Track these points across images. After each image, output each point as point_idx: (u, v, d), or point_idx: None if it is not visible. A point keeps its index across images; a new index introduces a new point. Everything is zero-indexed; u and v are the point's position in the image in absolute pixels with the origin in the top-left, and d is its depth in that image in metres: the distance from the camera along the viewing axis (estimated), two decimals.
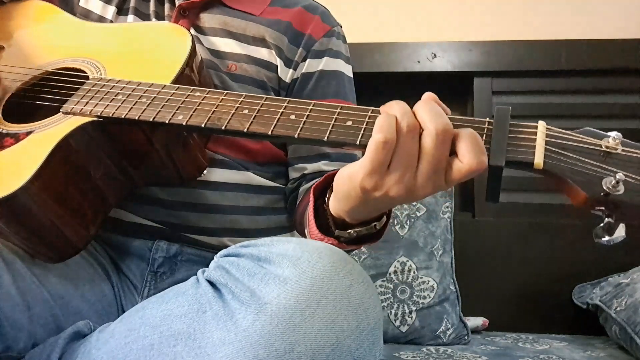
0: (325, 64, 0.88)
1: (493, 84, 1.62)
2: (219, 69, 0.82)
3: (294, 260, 0.51)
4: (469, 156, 0.48)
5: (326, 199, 0.62)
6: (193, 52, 0.71)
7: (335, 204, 0.59)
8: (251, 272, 0.52)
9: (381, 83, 1.63)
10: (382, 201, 0.53)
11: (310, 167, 0.85)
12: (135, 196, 0.77)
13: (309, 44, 0.87)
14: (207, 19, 0.85)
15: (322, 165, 0.85)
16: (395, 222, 1.34)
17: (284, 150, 0.88)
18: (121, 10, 0.87)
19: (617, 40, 1.57)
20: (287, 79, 0.86)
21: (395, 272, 1.29)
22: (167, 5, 0.87)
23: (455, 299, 1.29)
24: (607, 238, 0.48)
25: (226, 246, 0.80)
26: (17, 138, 0.65)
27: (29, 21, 0.84)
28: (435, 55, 1.63)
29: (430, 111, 0.50)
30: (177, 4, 0.84)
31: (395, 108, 0.51)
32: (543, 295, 1.44)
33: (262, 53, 0.85)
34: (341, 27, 0.94)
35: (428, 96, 0.53)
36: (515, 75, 1.62)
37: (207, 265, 0.58)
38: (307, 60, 0.87)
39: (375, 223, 0.60)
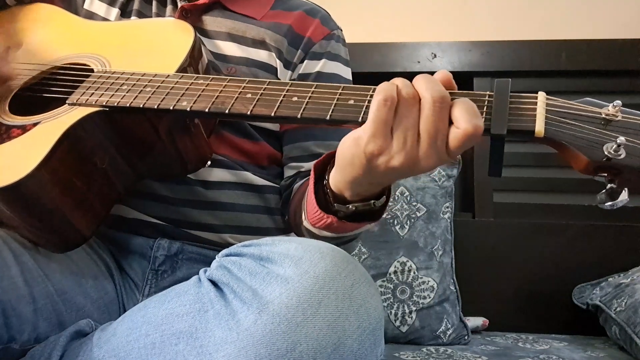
0: (323, 65, 0.89)
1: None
2: (219, 71, 0.83)
3: (295, 259, 0.51)
4: (463, 120, 0.49)
5: (326, 175, 0.63)
6: (196, 44, 0.72)
7: (337, 176, 0.59)
8: (253, 271, 0.52)
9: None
10: (385, 171, 0.53)
11: (307, 166, 0.85)
12: (137, 193, 0.78)
13: (308, 46, 0.88)
14: (209, 21, 0.86)
15: None
16: (395, 222, 1.34)
17: (281, 152, 0.89)
18: (124, 13, 0.88)
19: (617, 40, 1.57)
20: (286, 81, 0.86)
21: (395, 272, 1.30)
22: (169, 7, 0.87)
23: (455, 299, 1.29)
24: (610, 202, 0.48)
25: (228, 243, 0.80)
26: (24, 129, 0.66)
27: (34, 23, 0.85)
28: (435, 55, 1.63)
29: (426, 82, 0.52)
30: (179, 5, 0.85)
31: (396, 80, 0.53)
32: (543, 295, 1.44)
33: (262, 55, 0.85)
34: (341, 30, 0.94)
35: (441, 73, 0.54)
36: (515, 75, 1.61)
37: (208, 264, 0.58)
38: (305, 61, 0.88)
39: (374, 200, 0.61)
